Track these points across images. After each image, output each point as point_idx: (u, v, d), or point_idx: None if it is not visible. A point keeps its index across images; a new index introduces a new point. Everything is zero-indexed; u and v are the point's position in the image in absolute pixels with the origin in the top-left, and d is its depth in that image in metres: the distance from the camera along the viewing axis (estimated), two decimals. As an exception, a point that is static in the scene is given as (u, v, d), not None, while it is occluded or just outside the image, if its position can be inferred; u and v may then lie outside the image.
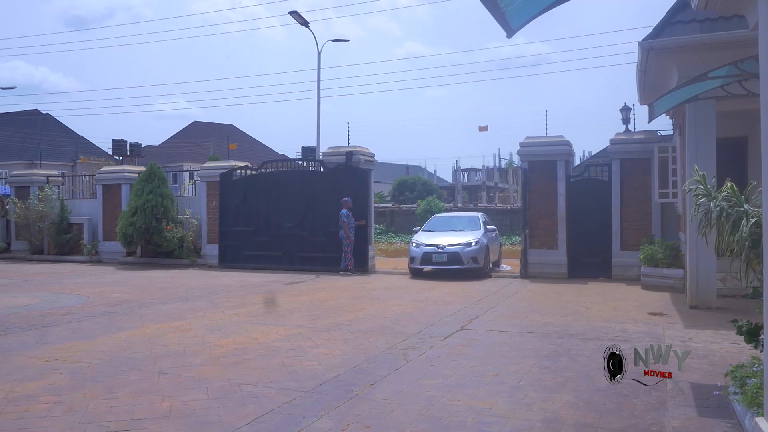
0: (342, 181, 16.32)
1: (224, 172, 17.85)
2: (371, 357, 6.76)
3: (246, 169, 17.96)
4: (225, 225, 17.58)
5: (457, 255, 14.45)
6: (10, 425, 4.61)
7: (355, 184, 16.33)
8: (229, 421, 4.70)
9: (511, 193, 53.36)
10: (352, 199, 15.72)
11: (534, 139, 15.13)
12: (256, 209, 17.19)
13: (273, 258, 16.74)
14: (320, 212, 16.37)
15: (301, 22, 26.86)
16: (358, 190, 16.26)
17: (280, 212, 16.87)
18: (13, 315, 9.56)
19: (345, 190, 15.99)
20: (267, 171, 18.00)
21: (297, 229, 16.65)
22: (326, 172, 16.83)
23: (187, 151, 52.90)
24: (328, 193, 16.30)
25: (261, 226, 17.08)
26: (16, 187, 21.63)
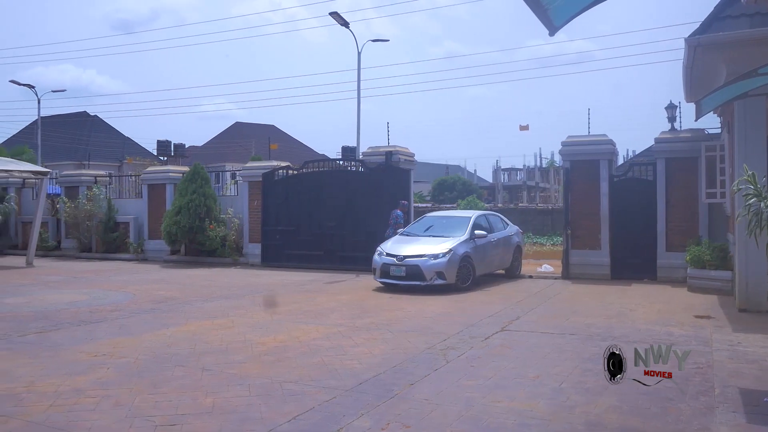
0: (383, 180, 16.31)
1: (266, 172, 18.03)
2: (411, 357, 6.76)
3: (288, 169, 18.11)
4: (267, 224, 17.73)
5: (418, 269, 12.02)
6: (61, 418, 4.75)
7: (396, 183, 16.27)
8: (270, 418, 4.76)
9: (552, 193, 52.68)
10: (393, 198, 15.61)
11: (576, 138, 14.90)
12: (298, 209, 17.28)
13: (314, 257, 16.73)
14: (362, 212, 16.35)
15: (341, 23, 27.00)
16: (399, 189, 16.19)
17: (322, 212, 16.91)
18: (63, 311, 9.86)
19: (386, 189, 15.96)
20: (309, 171, 18.08)
21: (338, 229, 16.62)
22: (367, 172, 16.84)
23: (230, 151, 53.71)
24: (369, 192, 16.31)
25: (303, 225, 17.16)
26: (66, 187, 22.27)
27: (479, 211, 15.48)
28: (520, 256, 14.92)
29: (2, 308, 10.17)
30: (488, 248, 13.42)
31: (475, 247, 12.85)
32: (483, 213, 15.06)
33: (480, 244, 13.04)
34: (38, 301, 10.95)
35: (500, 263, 14.17)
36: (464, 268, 12.44)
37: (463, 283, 12.34)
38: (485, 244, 13.25)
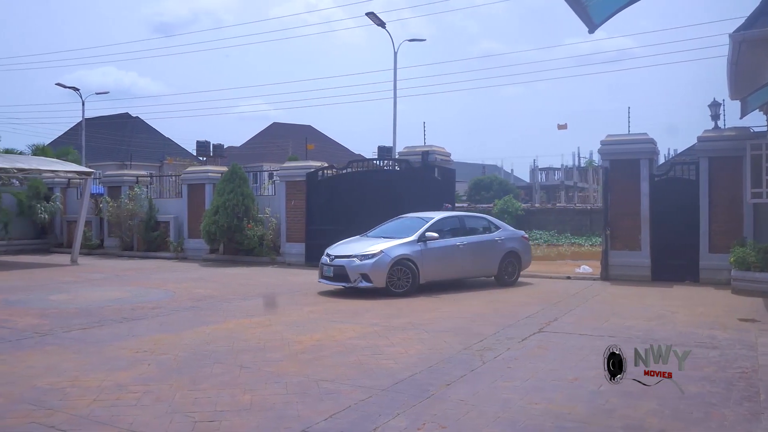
0: (427, 181, 16.10)
1: (310, 172, 18.07)
2: (447, 357, 6.74)
3: (331, 169, 18.16)
4: (312, 224, 17.66)
5: (343, 270, 11.65)
6: (104, 412, 4.87)
7: (440, 183, 16.04)
8: (306, 416, 4.79)
9: (591, 193, 51.92)
10: (437, 198, 15.41)
11: (616, 137, 14.66)
12: (342, 209, 17.13)
13: None
14: (406, 212, 16.01)
15: (377, 23, 27.08)
16: (444, 189, 15.98)
17: (365, 212, 16.59)
18: (106, 308, 10.09)
19: (430, 190, 15.73)
20: (352, 171, 18.08)
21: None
22: (412, 172, 16.67)
23: (267, 151, 54.30)
24: (414, 192, 16.06)
25: (346, 225, 16.79)
26: (109, 187, 22.80)
27: (458, 213, 14.28)
28: (517, 263, 13.34)
29: (48, 305, 10.47)
30: (447, 252, 12.36)
31: (423, 251, 11.98)
32: (460, 215, 13.94)
33: (433, 248, 12.11)
34: (82, 298, 11.24)
35: (476, 270, 13.11)
36: (400, 272, 11.66)
37: (397, 288, 11.53)
38: (442, 247, 12.27)
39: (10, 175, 22.16)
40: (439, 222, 12.76)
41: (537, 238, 32.08)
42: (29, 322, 8.79)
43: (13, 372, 6.09)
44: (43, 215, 22.85)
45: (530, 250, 14.11)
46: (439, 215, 13.20)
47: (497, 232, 13.36)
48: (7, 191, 22.83)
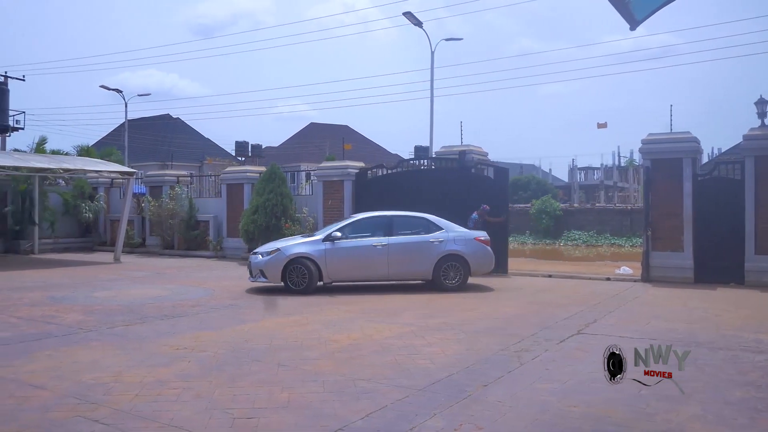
0: (479, 180, 15.89)
1: (359, 172, 18.05)
2: (484, 358, 6.70)
3: (381, 168, 18.12)
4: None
5: (250, 265, 12.33)
6: (146, 407, 4.97)
7: (492, 182, 15.75)
8: (343, 415, 4.82)
9: (631, 193, 51.05)
10: (490, 197, 15.24)
11: (658, 136, 14.38)
12: (391, 208, 16.94)
13: None
14: (458, 212, 15.32)
15: (414, 23, 27.03)
16: (495, 188, 15.71)
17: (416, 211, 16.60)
18: (147, 305, 10.30)
19: (481, 189, 15.51)
20: (403, 170, 17.93)
21: None
22: (463, 172, 16.40)
23: (305, 151, 54.74)
24: (465, 192, 15.83)
25: None
26: (151, 187, 23.29)
27: (390, 213, 13.27)
28: (462, 267, 12.41)
29: (93, 301, 10.74)
30: (359, 253, 12.21)
31: (327, 250, 12.02)
32: (390, 214, 13.12)
33: (342, 247, 12.12)
34: (125, 296, 11.49)
35: (402, 272, 12.54)
36: (297, 270, 11.86)
37: (295, 285, 11.76)
38: (352, 247, 12.19)
39: (57, 175, 22.82)
40: (359, 221, 12.79)
41: (576, 238, 31.73)
42: (75, 318, 9.03)
43: (59, 366, 6.26)
44: (88, 214, 23.44)
45: (486, 253, 12.66)
46: (363, 215, 13.19)
47: (437, 233, 12.54)
48: (54, 191, 23.49)
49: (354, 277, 12.54)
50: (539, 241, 31.94)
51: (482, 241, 12.71)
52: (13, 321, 8.81)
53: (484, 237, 12.84)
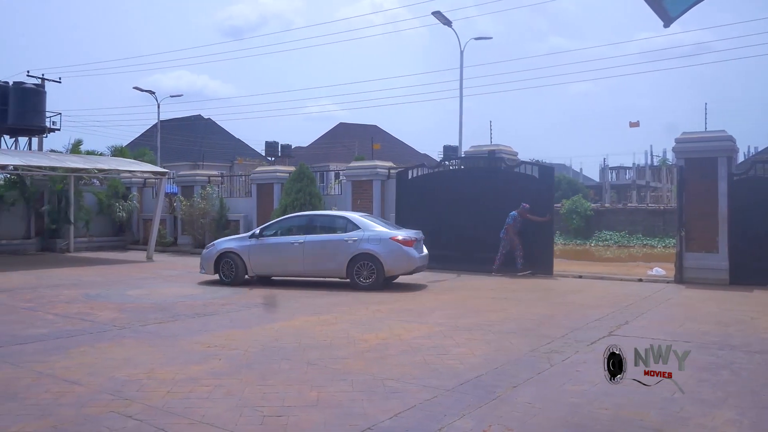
0: (523, 179, 15.62)
1: (400, 171, 18.00)
2: (513, 359, 6.65)
3: (421, 168, 18.04)
4: (401, 224, 16.90)
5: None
6: (178, 404, 5.04)
7: (537, 182, 15.50)
8: (372, 414, 4.83)
9: (664, 193, 50.29)
10: (535, 197, 15.00)
11: (692, 135, 14.11)
12: (432, 208, 16.68)
13: (450, 258, 15.78)
14: (502, 212, 15.21)
15: (444, 22, 26.95)
16: (540, 187, 15.43)
17: (457, 212, 16.26)
18: (179, 303, 10.45)
19: (526, 188, 15.25)
20: (444, 170, 17.73)
21: (475, 230, 15.85)
22: (506, 171, 16.13)
23: (334, 151, 54.96)
24: (509, 191, 15.47)
25: (437, 225, 16.19)
26: (182, 187, 23.61)
27: (313, 212, 14.68)
28: (377, 266, 12.27)
29: (126, 299, 10.93)
30: (279, 249, 12.94)
31: (252, 246, 13.00)
32: (312, 214, 14.25)
33: (265, 244, 12.96)
34: (157, 294, 11.67)
35: (318, 269, 12.88)
36: (227, 264, 12.98)
37: (226, 277, 12.95)
38: (273, 244, 12.97)
39: (92, 175, 23.27)
40: (285, 220, 13.82)
41: (607, 239, 31.33)
42: (108, 315, 9.20)
43: (94, 363, 6.38)
44: (121, 213, 23.87)
45: (402, 253, 12.38)
46: (296, 215, 14.32)
47: (353, 232, 12.64)
48: (89, 191, 23.94)
49: (274, 271, 13.38)
50: (569, 242, 31.59)
51: (399, 241, 12.45)
52: (50, 318, 9.01)
53: (403, 237, 12.56)
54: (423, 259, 12.94)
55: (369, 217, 13.78)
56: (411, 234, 12.79)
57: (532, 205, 14.89)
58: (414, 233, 12.88)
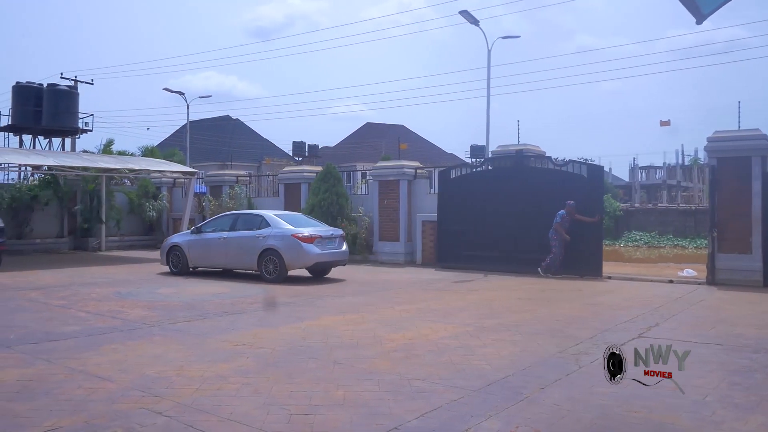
0: (571, 178, 15.28)
1: (443, 171, 17.89)
2: (541, 360, 6.60)
3: (464, 167, 17.87)
4: (443, 224, 17.16)
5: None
6: (206, 401, 5.10)
7: (586, 181, 15.15)
8: (398, 414, 4.82)
9: (695, 193, 49.44)
10: (583, 196, 14.70)
11: (724, 134, 13.84)
12: (475, 208, 16.50)
13: (491, 258, 15.73)
14: (549, 212, 14.87)
15: (471, 21, 26.83)
16: (589, 187, 15.07)
17: (501, 211, 15.99)
18: (208, 302, 10.57)
19: (573, 188, 14.92)
20: (486, 169, 17.46)
21: (519, 230, 15.63)
22: (554, 170, 15.73)
23: (361, 151, 55.04)
24: (556, 191, 15.08)
25: (479, 225, 16.27)
26: (211, 186, 23.87)
27: (239, 212, 16.28)
28: (279, 261, 13.32)
29: (156, 298, 11.08)
30: (210, 244, 14.57)
31: (191, 241, 14.82)
32: (239, 213, 15.68)
33: (201, 239, 14.70)
34: (186, 293, 11.81)
35: (237, 262, 14.37)
36: (176, 257, 14.95)
37: (174, 268, 14.88)
38: (206, 239, 14.65)
39: (123, 175, 23.67)
40: (219, 218, 15.47)
41: (636, 239, 30.88)
42: (139, 313, 9.34)
43: (125, 360, 6.48)
44: (151, 213, 24.23)
45: (300, 249, 13.26)
46: (227, 213, 16.10)
47: (264, 229, 13.79)
48: (120, 190, 24.36)
49: (207, 264, 14.94)
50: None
51: (298, 238, 13.34)
52: (82, 315, 9.17)
53: (303, 234, 13.38)
54: (331, 255, 13.84)
55: (285, 215, 14.83)
56: (315, 231, 13.69)
57: (580, 206, 14.54)
58: (320, 231, 13.86)
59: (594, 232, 14.78)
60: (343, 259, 14.34)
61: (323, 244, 13.63)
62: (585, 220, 14.54)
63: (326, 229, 14.19)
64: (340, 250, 14.14)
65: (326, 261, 13.92)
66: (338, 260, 14.19)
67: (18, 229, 21.40)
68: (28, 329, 8.07)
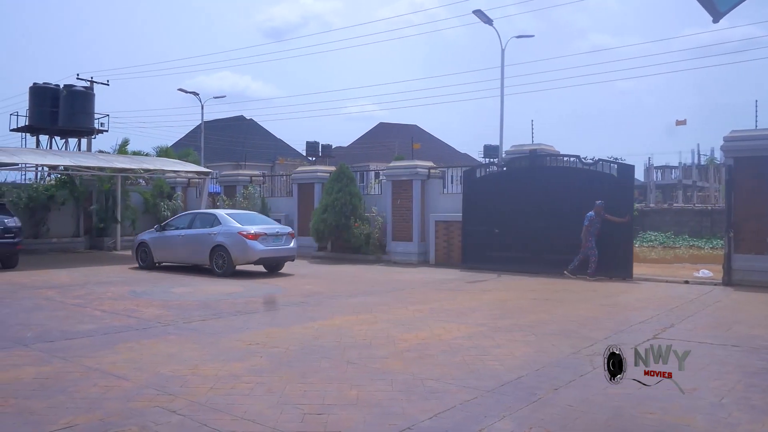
0: (600, 178, 14.99)
1: (468, 170, 17.73)
2: (555, 361, 6.57)
3: (489, 167, 17.60)
4: (468, 224, 16.85)
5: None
6: (220, 400, 5.13)
7: (616, 180, 14.91)
8: (411, 414, 4.82)
9: (711, 193, 49.05)
10: (612, 196, 14.42)
11: (741, 133, 13.69)
12: (500, 208, 16.24)
13: (518, 259, 15.52)
14: (578, 212, 14.56)
15: (485, 21, 26.71)
16: (619, 187, 14.78)
17: (528, 212, 15.70)
18: (222, 301, 10.62)
19: (602, 188, 14.65)
20: (511, 168, 17.00)
21: (546, 230, 15.31)
22: (581, 170, 15.48)
23: (374, 151, 55.06)
24: (585, 191, 14.80)
25: (505, 225, 16.00)
26: (225, 186, 23.97)
27: (197, 211, 17.22)
28: (227, 256, 14.39)
29: (171, 297, 11.15)
30: (171, 241, 15.79)
31: (155, 238, 16.10)
32: (196, 212, 16.73)
33: (164, 236, 15.93)
34: (201, 292, 11.87)
35: (193, 257, 15.52)
36: (144, 252, 16.23)
37: (142, 262, 16.20)
38: (168, 237, 15.86)
39: (138, 175, 23.84)
40: (181, 217, 16.83)
41: (651, 239, 30.66)
42: (153, 312, 9.40)
43: (140, 359, 6.53)
44: (166, 212, 24.29)
45: (245, 245, 14.27)
46: (186, 212, 17.55)
47: (216, 227, 14.92)
48: (135, 190, 24.52)
49: (169, 259, 16.12)
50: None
51: (243, 235, 14.36)
52: (98, 314, 9.25)
53: (248, 232, 14.38)
54: (276, 251, 14.78)
55: (238, 214, 15.82)
56: (260, 229, 14.61)
57: (610, 205, 14.21)
58: (266, 229, 14.78)
59: (624, 232, 14.43)
60: (290, 255, 15.22)
61: (268, 241, 14.58)
62: (615, 220, 14.22)
63: (273, 227, 15.11)
64: (287, 247, 15.03)
65: (270, 257, 14.73)
66: (284, 256, 15.09)
67: (35, 228, 21.61)
68: (44, 327, 8.15)
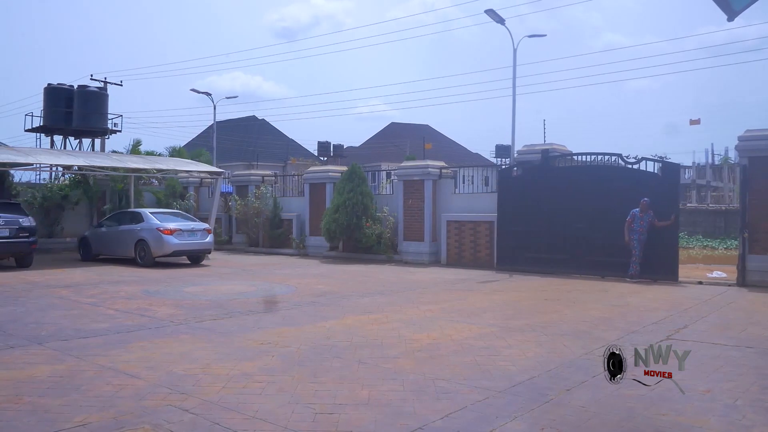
0: (644, 177, 14.67)
1: (503, 169, 17.53)
2: (567, 361, 6.54)
3: (524, 165, 17.11)
4: (503, 225, 16.47)
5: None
6: (232, 399, 5.15)
7: (660, 179, 14.54)
8: (422, 414, 4.82)
9: (726, 193, 48.59)
10: (656, 196, 14.00)
11: (756, 132, 13.56)
12: (537, 208, 15.83)
13: (557, 261, 15.21)
14: (619, 212, 14.28)
15: (497, 20, 26.63)
16: (663, 186, 14.41)
17: (567, 212, 15.31)
18: (234, 301, 10.66)
19: (646, 187, 14.30)
20: (550, 167, 16.28)
21: (587, 231, 14.91)
22: (624, 169, 15.14)
23: (386, 151, 55.05)
24: (628, 190, 14.43)
25: (542, 225, 15.64)
26: (237, 186, 24.07)
27: (133, 210, 19.06)
28: (147, 249, 16.55)
29: (184, 296, 11.21)
30: (105, 236, 17.98)
31: (93, 233, 18.50)
32: (132, 211, 18.77)
33: (101, 231, 18.21)
34: (213, 291, 11.93)
35: (123, 250, 17.40)
36: (85, 246, 18.34)
37: (85, 254, 18.23)
38: (104, 232, 18.09)
39: (151, 175, 23.96)
40: (115, 215, 18.90)
41: (665, 240, 30.41)
42: (166, 311, 9.45)
43: (152, 357, 6.57)
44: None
45: (162, 240, 16.41)
46: (119, 211, 19.52)
47: (140, 224, 17.05)
48: (148, 190, 24.66)
49: (105, 251, 18.16)
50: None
51: (161, 231, 16.51)
52: (111, 313, 9.32)
53: (165, 228, 16.55)
54: (190, 245, 16.98)
55: (159, 212, 18.02)
56: (177, 226, 16.83)
57: (654, 206, 13.87)
58: (182, 225, 17.03)
59: (669, 233, 14.04)
60: (206, 249, 17.47)
61: (183, 237, 16.76)
62: (662, 225, 13.81)
63: (189, 224, 17.36)
64: (203, 241, 17.25)
65: (185, 250, 17.02)
66: (199, 249, 17.33)
67: (49, 228, 21.79)
68: (59, 326, 8.22)
